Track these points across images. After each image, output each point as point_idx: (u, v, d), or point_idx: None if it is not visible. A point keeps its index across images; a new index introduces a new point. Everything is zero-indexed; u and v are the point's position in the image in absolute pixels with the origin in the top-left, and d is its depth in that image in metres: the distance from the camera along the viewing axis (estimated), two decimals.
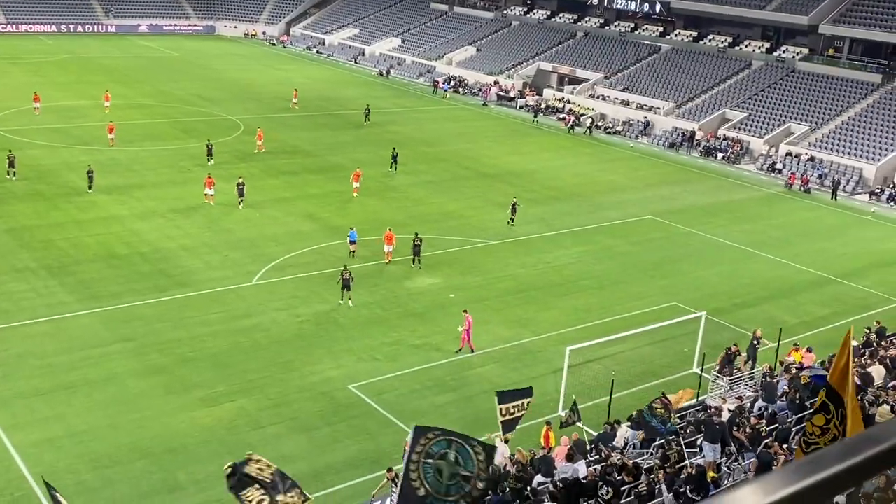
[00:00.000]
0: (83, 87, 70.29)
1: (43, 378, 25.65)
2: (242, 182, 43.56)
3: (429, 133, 63.74)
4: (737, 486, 1.83)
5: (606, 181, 54.29)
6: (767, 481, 1.81)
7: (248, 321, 30.53)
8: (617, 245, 41.77)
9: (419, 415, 24.52)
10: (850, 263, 41.16)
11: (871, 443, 1.92)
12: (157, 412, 24.24)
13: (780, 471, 1.84)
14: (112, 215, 40.48)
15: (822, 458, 1.86)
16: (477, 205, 46.54)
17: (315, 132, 61.02)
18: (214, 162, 49.72)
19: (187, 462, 22.01)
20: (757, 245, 42.88)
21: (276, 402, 25.27)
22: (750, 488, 1.79)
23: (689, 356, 28.66)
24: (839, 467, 1.85)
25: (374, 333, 30.13)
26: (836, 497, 9.34)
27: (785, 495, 1.78)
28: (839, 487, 1.86)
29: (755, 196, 54.26)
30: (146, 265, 34.82)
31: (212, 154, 50.22)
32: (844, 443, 1.93)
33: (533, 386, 26.54)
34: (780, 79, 70.69)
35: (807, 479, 1.82)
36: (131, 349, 27.85)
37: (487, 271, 36.92)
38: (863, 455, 1.89)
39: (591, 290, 35.71)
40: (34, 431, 22.96)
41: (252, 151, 53.54)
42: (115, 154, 50.82)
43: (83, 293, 31.76)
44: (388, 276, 35.38)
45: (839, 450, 1.89)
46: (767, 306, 35.05)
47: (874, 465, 1.91)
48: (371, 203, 45.27)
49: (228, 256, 36.35)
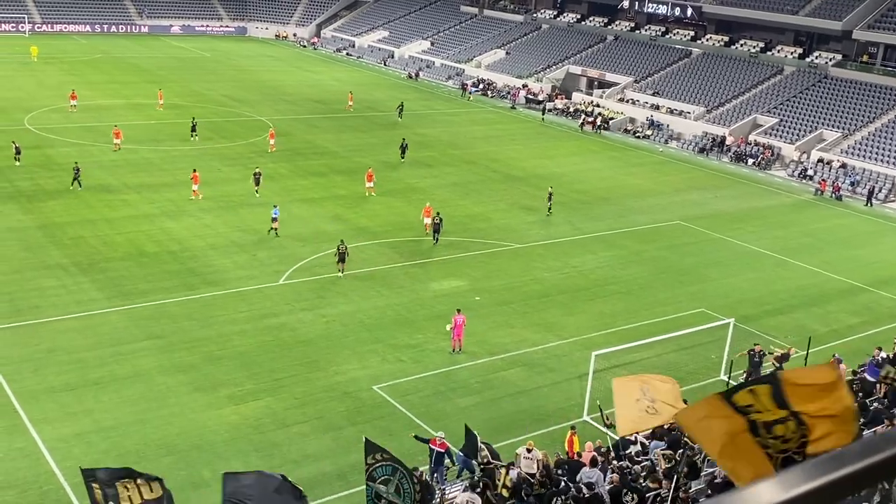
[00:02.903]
0: (116, 87, 71.14)
1: (72, 373, 25.96)
2: (259, 172, 44.96)
3: (456, 135, 63.79)
4: (759, 483, 1.83)
5: (635, 185, 54.02)
6: (786, 478, 1.81)
7: (275, 320, 30.71)
8: (645, 250, 41.53)
9: (443, 416, 24.54)
10: (881, 272, 40.63)
11: (892, 442, 1.92)
12: (184, 409, 24.45)
13: (798, 467, 1.84)
14: (142, 214, 40.90)
15: (842, 456, 1.86)
16: (503, 208, 46.49)
17: (343, 134, 61.28)
18: (199, 138, 54.31)
19: (213, 459, 22.15)
20: (787, 252, 42.45)
21: (302, 402, 25.39)
22: (767, 484, 1.79)
23: (717, 363, 28.42)
24: (858, 466, 1.85)
25: (399, 335, 30.18)
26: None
27: (802, 492, 1.78)
28: (857, 486, 1.86)
29: (786, 202, 53.73)
30: (175, 263, 35.14)
31: (195, 131, 54.39)
32: (865, 441, 1.93)
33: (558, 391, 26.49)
34: (812, 85, 69.96)
35: (824, 476, 1.82)
36: (159, 346, 28.11)
37: (513, 274, 36.86)
38: (883, 454, 1.89)
39: (617, 295, 35.53)
40: (63, 426, 23.23)
41: (279, 151, 53.88)
42: (146, 153, 51.36)
43: (113, 290, 32.11)
44: (413, 278, 35.45)
45: (859, 448, 1.89)
46: (797, 314, 34.68)
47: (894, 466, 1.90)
48: (396, 204, 45.37)
49: (256, 256, 36.58)
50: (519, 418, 24.64)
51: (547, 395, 26.84)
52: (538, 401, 26.35)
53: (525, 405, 25.89)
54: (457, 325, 28.87)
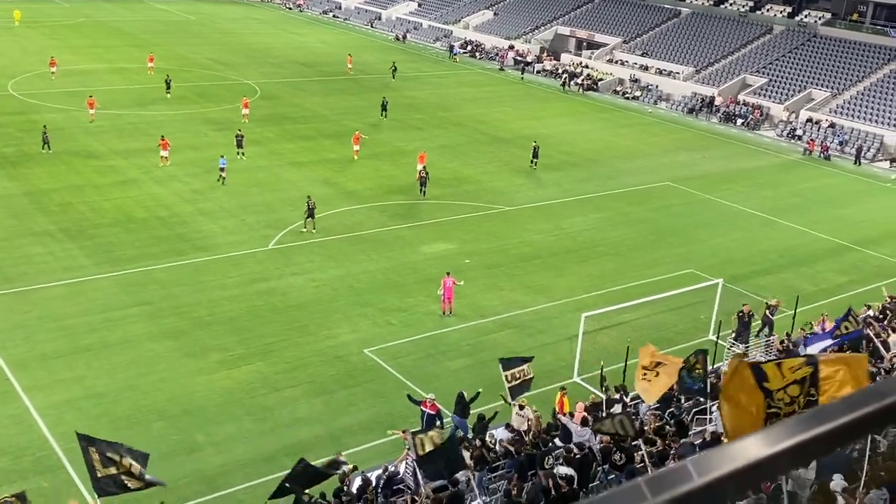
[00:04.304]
0: (100, 51, 70.27)
1: (62, 340, 25.94)
2: (241, 134, 44.69)
3: (445, 98, 63.41)
4: (743, 439, 1.83)
5: (623, 147, 53.92)
6: (771, 433, 1.81)
7: (265, 285, 30.69)
8: (634, 211, 41.57)
9: (434, 378, 24.68)
10: (868, 231, 40.82)
11: (877, 396, 1.92)
12: (175, 375, 24.49)
13: (784, 422, 1.84)
14: (129, 179, 40.62)
15: (827, 411, 1.86)
16: (492, 170, 46.38)
17: (331, 97, 60.82)
18: (172, 96, 55.23)
19: (205, 424, 22.25)
20: (775, 212, 42.56)
21: (293, 366, 25.46)
22: (754, 439, 1.79)
23: (706, 323, 28.60)
24: (843, 420, 1.85)
25: (390, 298, 30.22)
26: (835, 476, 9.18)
27: (787, 446, 1.79)
28: (843, 440, 1.86)
29: (774, 163, 53.77)
30: (163, 229, 34.99)
31: (170, 88, 55.28)
32: (851, 397, 1.92)
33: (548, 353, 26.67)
34: (801, 44, 69.69)
35: (810, 430, 1.82)
36: (149, 312, 28.08)
37: (503, 237, 36.87)
38: (868, 408, 1.89)
39: (607, 256, 35.62)
40: (54, 393, 23.26)
41: (267, 115, 53.50)
42: (131, 118, 50.87)
43: (101, 257, 31.98)
44: (402, 241, 35.42)
45: (845, 403, 1.89)
46: (785, 274, 34.88)
47: (879, 420, 1.91)
48: (385, 167, 45.20)
49: (245, 221, 36.45)
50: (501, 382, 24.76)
51: (537, 356, 26.84)
52: None
53: None
54: (446, 288, 28.92)
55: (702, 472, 1.70)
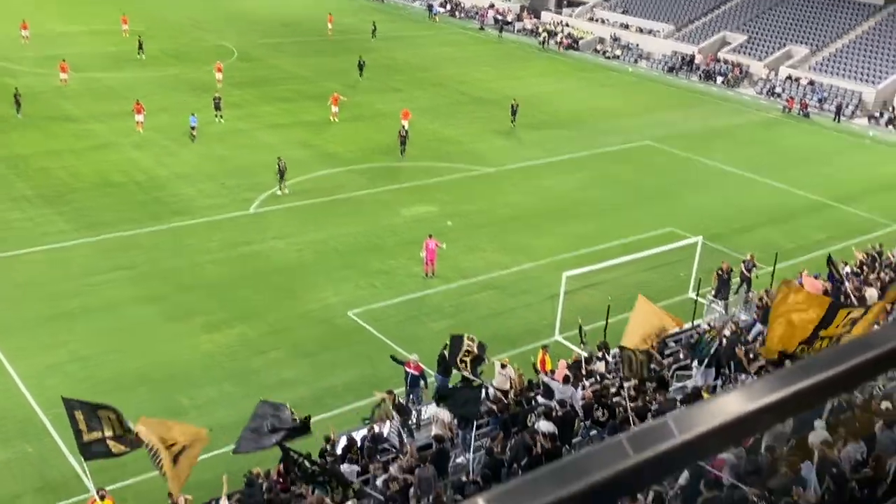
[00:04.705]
0: (74, 13, 69.01)
1: (44, 306, 25.83)
2: (219, 97, 44.22)
3: (424, 58, 62.92)
4: (722, 393, 1.84)
5: (605, 106, 53.83)
6: (753, 388, 1.80)
7: (247, 249, 30.61)
8: (615, 171, 41.64)
9: (417, 340, 24.80)
10: (847, 188, 41.11)
11: (862, 348, 1.94)
12: (158, 339, 24.48)
13: (765, 378, 1.85)
14: (107, 143, 40.21)
15: (810, 365, 1.87)
16: (473, 131, 46.22)
17: (310, 58, 60.21)
18: (146, 57, 55.26)
19: (189, 387, 22.32)
20: (755, 170, 42.76)
21: (277, 329, 25.51)
22: (734, 395, 1.79)
23: (686, 281, 28.84)
24: (826, 374, 1.86)
25: (372, 261, 30.24)
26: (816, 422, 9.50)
27: (769, 402, 1.79)
28: (826, 394, 1.87)
29: (754, 121, 53.89)
30: (142, 193, 34.73)
31: (142, 48, 55.37)
32: (835, 349, 1.94)
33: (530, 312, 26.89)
34: (781, 0, 69.47)
35: (793, 385, 1.82)
36: (130, 277, 27.98)
37: (484, 198, 36.87)
38: (850, 362, 1.90)
39: (588, 216, 35.73)
40: (37, 358, 23.21)
41: (245, 77, 52.96)
42: (107, 82, 50.20)
43: (80, 222, 31.75)
44: (384, 204, 35.35)
45: (829, 356, 1.90)
46: (765, 231, 35.14)
47: (860, 373, 1.93)
48: (365, 130, 44.95)
49: (225, 184, 36.22)
50: (492, 340, 24.82)
51: (519, 316, 27.17)
52: (511, 322, 26.69)
53: (498, 327, 26.19)
54: (429, 251, 28.97)
55: (683, 429, 1.70)
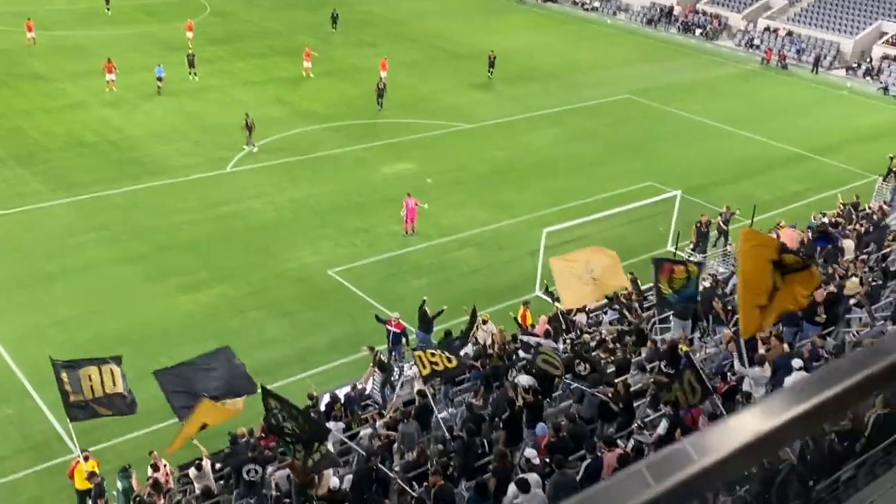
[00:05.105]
0: None
1: (21, 268, 25.60)
2: (193, 54, 43.79)
3: (400, 11, 62.08)
4: (739, 412, 1.80)
5: (583, 60, 53.50)
6: (770, 404, 1.77)
7: (225, 208, 30.38)
8: (594, 126, 41.54)
9: (398, 298, 24.84)
10: (825, 139, 41.28)
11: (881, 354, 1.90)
12: (138, 299, 24.36)
13: (782, 392, 1.81)
14: (79, 102, 39.57)
15: (829, 375, 1.83)
16: (450, 87, 45.85)
17: (285, 11, 59.28)
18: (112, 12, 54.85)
19: (169, 347, 22.20)
20: (733, 122, 42.79)
21: (257, 288, 25.44)
22: (751, 413, 1.76)
23: (664, 235, 28.98)
24: (847, 384, 1.82)
25: (351, 219, 30.12)
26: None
27: (789, 419, 1.76)
28: (846, 405, 1.84)
29: (732, 73, 53.80)
30: (116, 153, 34.30)
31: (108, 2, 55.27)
32: (851, 358, 1.89)
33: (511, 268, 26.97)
34: None
35: (812, 399, 1.78)
36: (108, 238, 27.74)
37: (463, 155, 36.70)
38: (866, 371, 1.86)
39: (567, 171, 35.69)
40: (17, 321, 23.06)
41: (218, 33, 52.13)
42: (78, 40, 49.25)
43: (55, 182, 31.36)
44: (362, 162, 35.13)
45: (847, 366, 1.86)
46: (743, 183, 35.28)
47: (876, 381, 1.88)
48: (341, 85, 44.48)
49: (200, 143, 35.82)
50: (473, 296, 24.97)
51: (500, 272, 27.24)
52: (491, 278, 26.76)
53: (478, 283, 26.28)
54: (408, 209, 28.87)
55: (701, 453, 1.66)
